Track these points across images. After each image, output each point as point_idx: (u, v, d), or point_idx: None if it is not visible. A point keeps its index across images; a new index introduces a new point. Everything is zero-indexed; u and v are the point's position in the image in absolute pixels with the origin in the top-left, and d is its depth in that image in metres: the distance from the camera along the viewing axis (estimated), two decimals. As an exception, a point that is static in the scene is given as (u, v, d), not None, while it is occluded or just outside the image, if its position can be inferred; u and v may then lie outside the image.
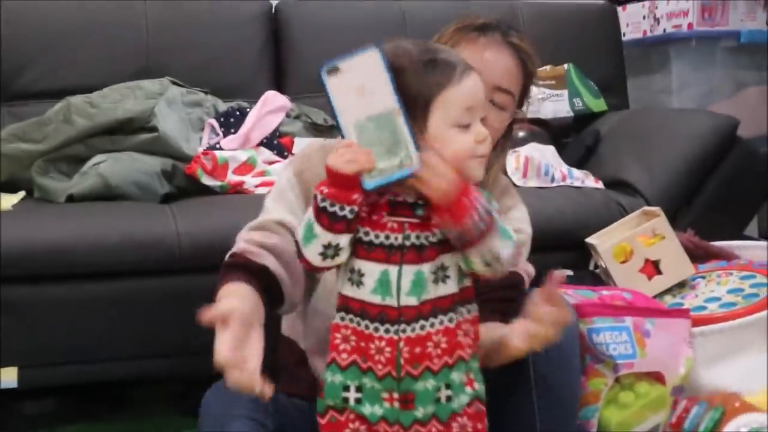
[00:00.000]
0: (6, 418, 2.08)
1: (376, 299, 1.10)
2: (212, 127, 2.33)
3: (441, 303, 1.09)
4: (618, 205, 2.11)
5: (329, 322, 1.26)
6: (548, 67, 2.59)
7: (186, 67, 2.45)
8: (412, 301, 1.09)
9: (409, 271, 1.09)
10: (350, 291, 1.12)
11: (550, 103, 2.53)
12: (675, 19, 2.74)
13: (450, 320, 1.11)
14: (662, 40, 2.81)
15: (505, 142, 1.50)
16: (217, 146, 2.25)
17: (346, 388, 1.10)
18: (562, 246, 2.04)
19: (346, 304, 1.12)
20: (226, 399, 1.19)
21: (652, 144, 2.29)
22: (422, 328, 1.09)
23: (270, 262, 1.20)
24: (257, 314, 1.10)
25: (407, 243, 1.10)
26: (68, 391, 2.11)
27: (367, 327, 1.10)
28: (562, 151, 2.40)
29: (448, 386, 1.09)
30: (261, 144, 2.31)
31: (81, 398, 2.14)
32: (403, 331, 1.09)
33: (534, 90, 2.45)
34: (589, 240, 1.99)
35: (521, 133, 2.41)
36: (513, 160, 2.25)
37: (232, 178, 2.17)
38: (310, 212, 1.08)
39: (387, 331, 1.09)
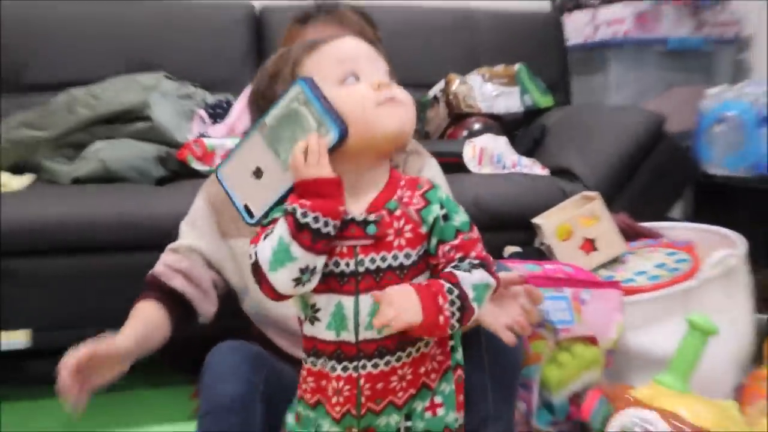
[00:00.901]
0: (16, 376, 2.07)
1: (330, 336, 0.91)
2: (201, 118, 2.32)
3: (408, 335, 0.89)
4: (561, 190, 2.12)
5: (270, 317, 1.33)
6: (501, 67, 2.60)
7: (179, 63, 2.44)
8: (373, 334, 0.90)
9: (367, 301, 0.90)
10: (305, 328, 0.95)
11: (502, 99, 2.52)
12: (613, 27, 2.75)
13: (417, 350, 0.93)
14: (602, 44, 2.81)
15: None
16: (206, 134, 2.24)
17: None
18: (512, 225, 2.04)
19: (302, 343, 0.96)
20: (225, 360, 1.17)
21: (592, 136, 2.30)
22: (387, 363, 0.92)
23: (178, 283, 1.31)
24: (145, 341, 1.22)
25: (361, 269, 0.90)
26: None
27: (323, 365, 0.93)
28: (512, 142, 2.40)
29: (408, 416, 0.94)
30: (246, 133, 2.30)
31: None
32: (363, 367, 0.91)
33: (489, 87, 2.51)
34: (535, 220, 2.00)
35: (477, 126, 2.43)
36: (470, 150, 2.25)
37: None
38: (283, 232, 0.87)
39: (345, 369, 0.91)
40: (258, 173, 0.91)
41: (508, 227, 2.04)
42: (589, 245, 1.94)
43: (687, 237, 2.02)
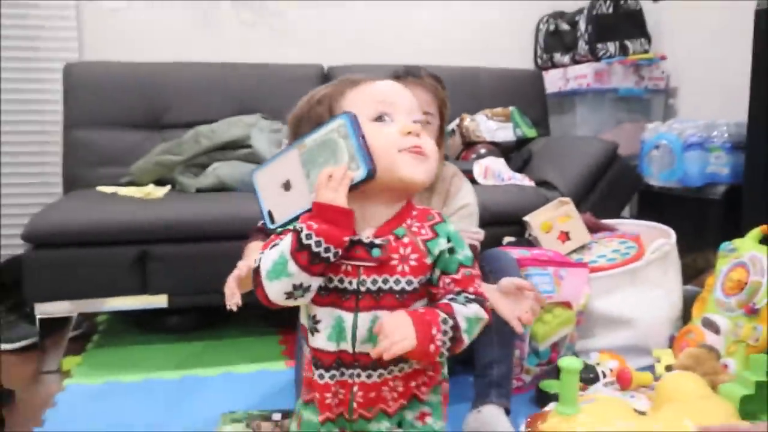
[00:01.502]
0: (156, 326, 2.09)
1: (331, 346, 0.74)
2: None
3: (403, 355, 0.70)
4: (543, 196, 2.09)
5: None
6: (500, 109, 2.57)
7: (271, 107, 2.42)
8: (369, 348, 0.72)
9: (365, 318, 0.73)
10: (309, 339, 0.76)
11: (501, 131, 2.50)
12: (579, 80, 2.72)
13: (410, 366, 0.75)
14: (571, 93, 2.79)
15: (440, 149, 1.31)
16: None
17: None
18: (509, 222, 2.02)
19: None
20: None
21: (565, 158, 2.28)
22: (380, 376, 0.74)
23: None
24: None
25: (363, 288, 0.72)
26: (194, 311, 2.12)
27: (321, 377, 0.75)
28: (508, 162, 2.39)
29: (399, 424, 0.76)
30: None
31: (202, 316, 2.15)
32: (358, 375, 0.74)
33: (491, 123, 2.50)
34: (525, 218, 1.99)
35: (483, 151, 2.41)
36: (477, 168, 2.24)
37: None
38: (285, 248, 0.69)
39: (342, 374, 0.74)
40: (287, 186, 0.73)
41: (506, 223, 2.02)
42: (564, 236, 1.93)
43: (634, 230, 2.00)
